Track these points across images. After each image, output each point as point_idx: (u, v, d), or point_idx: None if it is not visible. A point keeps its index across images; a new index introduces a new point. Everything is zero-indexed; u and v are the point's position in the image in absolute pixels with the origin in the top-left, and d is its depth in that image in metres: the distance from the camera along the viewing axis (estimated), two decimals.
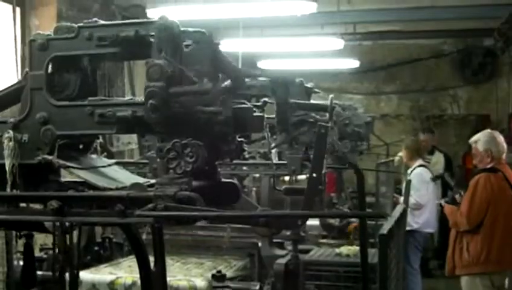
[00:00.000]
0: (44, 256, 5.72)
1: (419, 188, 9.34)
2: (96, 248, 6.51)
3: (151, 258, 3.32)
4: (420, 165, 9.83)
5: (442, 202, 7.84)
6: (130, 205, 2.81)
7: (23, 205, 3.15)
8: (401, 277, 2.85)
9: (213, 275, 3.33)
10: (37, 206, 3.14)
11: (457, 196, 7.40)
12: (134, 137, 8.47)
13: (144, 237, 3.36)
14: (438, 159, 12.04)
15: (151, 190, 2.82)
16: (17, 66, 7.64)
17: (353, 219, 7.64)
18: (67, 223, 3.08)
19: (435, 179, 9.89)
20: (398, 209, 2.75)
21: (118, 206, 2.81)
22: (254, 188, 7.38)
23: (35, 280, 4.02)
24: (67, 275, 3.69)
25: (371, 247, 5.10)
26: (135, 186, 2.94)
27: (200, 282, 5.28)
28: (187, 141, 2.69)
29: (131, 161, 7.24)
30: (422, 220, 9.55)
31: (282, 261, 5.55)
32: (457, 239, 6.98)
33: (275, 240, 6.23)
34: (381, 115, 14.35)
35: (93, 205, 2.99)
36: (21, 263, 5.37)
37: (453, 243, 7.02)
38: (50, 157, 3.07)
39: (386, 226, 2.26)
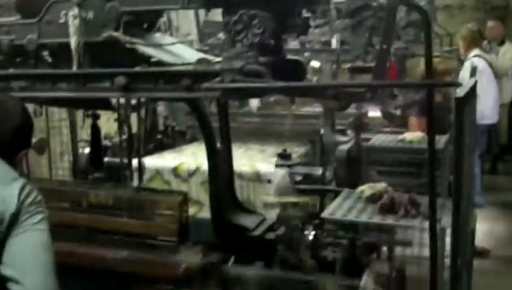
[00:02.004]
0: (109, 144, 5.78)
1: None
2: (159, 136, 6.56)
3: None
4: (475, 56, 9.54)
5: None
6: (197, 80, 2.79)
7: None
8: (472, 156, 2.82)
9: (279, 154, 3.33)
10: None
11: None
12: (193, 28, 8.41)
13: None
14: (508, 49, 11.58)
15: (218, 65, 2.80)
16: None
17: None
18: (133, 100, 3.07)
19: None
20: (470, 81, 2.68)
21: (185, 81, 2.80)
22: (315, 78, 7.30)
23: (102, 160, 4.07)
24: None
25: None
26: (201, 61, 2.92)
27: (263, 167, 5.31)
28: (254, 12, 2.63)
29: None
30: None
31: (345, 147, 5.50)
32: None
33: (337, 127, 6.19)
34: (444, 6, 13.94)
35: (160, 82, 2.98)
36: (86, 151, 5.48)
37: None
38: (116, 34, 3.06)
39: (462, 90, 2.20)
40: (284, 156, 3.26)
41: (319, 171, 5.09)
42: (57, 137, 6.85)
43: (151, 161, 5.75)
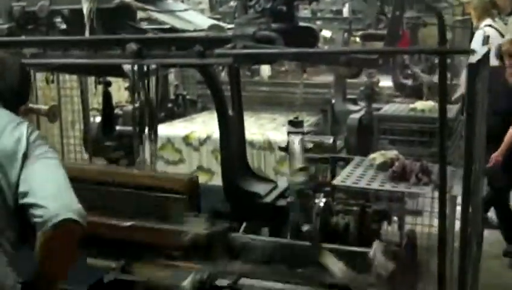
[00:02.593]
0: (120, 112, 5.78)
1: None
2: (170, 105, 6.57)
3: None
4: (487, 25, 9.45)
5: None
6: (209, 46, 2.78)
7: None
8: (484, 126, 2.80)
9: (290, 121, 3.32)
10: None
11: None
12: None
13: None
14: None
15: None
16: None
17: (425, 80, 7.51)
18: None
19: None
20: (483, 48, 2.65)
21: (197, 47, 2.79)
22: (326, 47, 7.28)
23: (114, 128, 4.08)
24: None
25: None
26: (214, 27, 2.91)
27: (274, 135, 5.32)
28: None
29: None
30: None
31: (356, 116, 5.51)
32: None
33: (348, 97, 6.19)
34: None
35: (172, 48, 2.98)
36: (97, 119, 5.48)
37: None
38: (128, 0, 3.05)
39: (475, 57, 2.18)
40: (295, 123, 3.25)
41: (330, 140, 5.10)
42: (68, 105, 6.86)
43: (163, 130, 5.77)
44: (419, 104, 5.56)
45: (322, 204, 3.18)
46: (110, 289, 2.92)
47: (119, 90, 6.57)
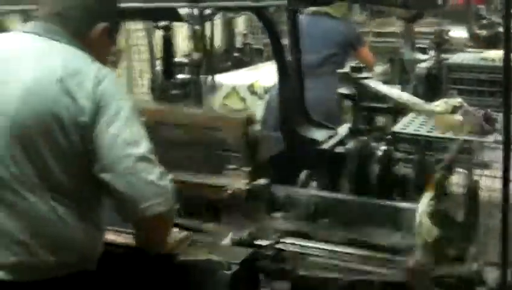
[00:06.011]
0: (185, 60, 5.80)
1: None
2: (236, 54, 6.56)
3: None
4: None
5: None
6: None
7: None
8: None
9: (351, 66, 3.25)
10: None
11: None
12: None
13: None
14: None
15: None
16: None
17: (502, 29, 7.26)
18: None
19: None
20: None
21: None
22: None
23: (173, 72, 4.07)
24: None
25: None
26: None
27: None
28: None
29: None
30: None
31: (425, 65, 5.36)
32: None
33: (417, 45, 6.03)
34: None
35: None
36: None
37: None
38: None
39: None
40: (356, 68, 3.17)
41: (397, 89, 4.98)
42: (136, 56, 6.93)
43: (228, 78, 5.77)
44: (491, 53, 5.37)
45: (381, 152, 3.12)
46: None
47: (184, 40, 6.58)
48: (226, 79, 5.76)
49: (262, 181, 2.70)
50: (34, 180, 2.03)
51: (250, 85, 5.62)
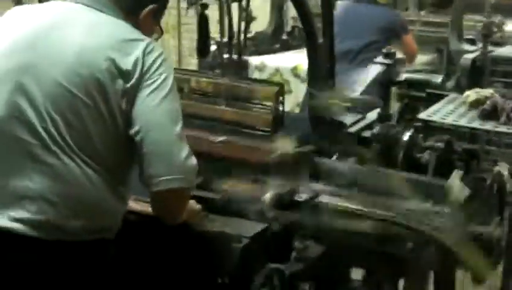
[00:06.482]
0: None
1: None
2: (285, 37, 6.58)
3: None
4: None
5: None
6: None
7: None
8: None
9: (384, 53, 3.25)
10: None
11: None
12: None
13: None
14: None
15: None
16: None
17: None
18: None
19: None
20: None
21: None
22: None
23: (208, 49, 4.10)
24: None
25: None
26: None
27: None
28: None
29: None
30: None
31: (470, 56, 5.31)
32: None
33: (466, 37, 5.96)
34: None
35: None
36: (212, 48, 5.54)
37: None
38: None
39: None
40: (387, 54, 3.17)
41: (438, 78, 4.95)
42: (186, 34, 6.99)
43: (271, 60, 5.80)
44: None
45: (406, 138, 3.12)
46: None
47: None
48: (271, 61, 5.79)
49: (307, 147, 2.80)
50: (74, 144, 2.10)
51: (293, 68, 5.64)
